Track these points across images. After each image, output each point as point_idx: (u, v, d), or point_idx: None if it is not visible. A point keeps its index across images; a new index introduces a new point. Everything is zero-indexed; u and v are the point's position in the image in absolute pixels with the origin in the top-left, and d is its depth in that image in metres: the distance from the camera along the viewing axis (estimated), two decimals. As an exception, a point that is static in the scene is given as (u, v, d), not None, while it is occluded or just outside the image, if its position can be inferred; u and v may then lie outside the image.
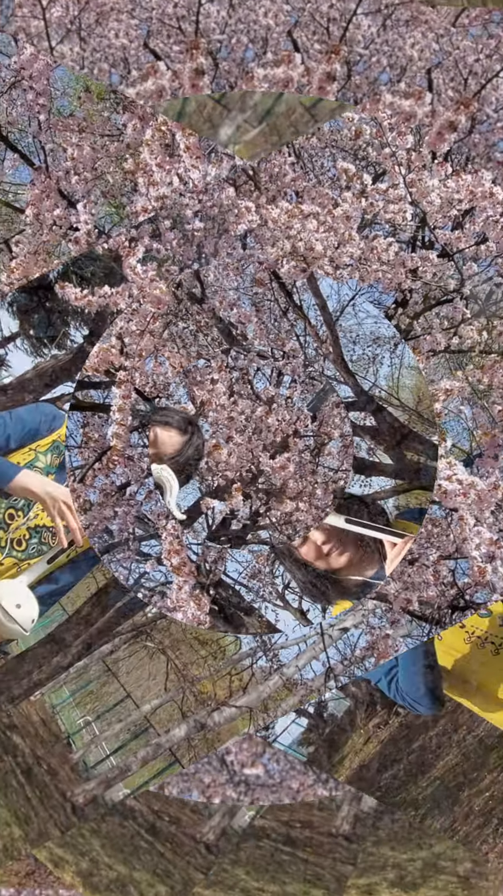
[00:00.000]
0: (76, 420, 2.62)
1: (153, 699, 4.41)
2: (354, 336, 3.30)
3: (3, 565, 1.19)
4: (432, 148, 2.20)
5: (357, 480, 2.72)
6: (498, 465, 2.07)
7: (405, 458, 2.76)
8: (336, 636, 3.40)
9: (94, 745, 4.09)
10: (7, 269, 2.24)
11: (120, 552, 2.40)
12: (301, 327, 2.56)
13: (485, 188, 2.04)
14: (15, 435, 1.21)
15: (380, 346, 3.27)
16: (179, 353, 2.44)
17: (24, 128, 2.55)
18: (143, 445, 2.47)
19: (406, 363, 3.51)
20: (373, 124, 2.17)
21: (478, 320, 2.38)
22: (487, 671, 1.32)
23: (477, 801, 3.21)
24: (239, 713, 3.42)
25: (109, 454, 2.27)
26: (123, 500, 2.36)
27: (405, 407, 3.58)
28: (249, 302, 2.43)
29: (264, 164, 2.31)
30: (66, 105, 2.86)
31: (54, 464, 1.20)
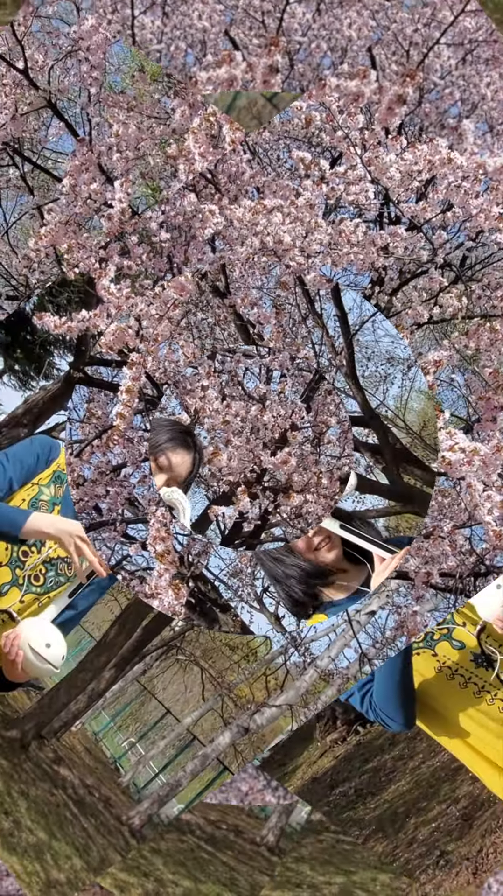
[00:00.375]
0: (82, 395, 2.61)
1: (193, 711, 4.41)
2: (369, 352, 3.30)
3: (24, 602, 1.19)
4: (384, 124, 2.20)
5: (351, 495, 2.73)
6: (497, 426, 2.07)
7: (402, 482, 2.77)
8: (364, 621, 3.40)
9: (141, 765, 4.09)
10: (36, 235, 2.22)
11: (105, 531, 2.38)
12: (318, 336, 2.55)
13: (443, 155, 2.04)
14: (16, 476, 1.21)
15: (393, 365, 3.29)
16: (194, 344, 2.44)
17: (73, 98, 2.53)
18: (143, 430, 2.47)
19: (416, 386, 3.52)
20: (322, 109, 2.17)
21: (455, 287, 2.38)
22: (451, 702, 1.31)
23: (423, 830, 3.21)
24: (280, 712, 3.42)
25: (110, 433, 2.26)
26: (117, 480, 2.33)
27: (410, 430, 3.59)
28: (271, 303, 2.43)
29: (221, 166, 2.31)
30: (119, 81, 2.82)
31: (58, 494, 1.20)
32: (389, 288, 2.42)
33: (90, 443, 2.40)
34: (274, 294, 2.46)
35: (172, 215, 2.26)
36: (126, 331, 2.02)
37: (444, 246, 2.33)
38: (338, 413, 2.58)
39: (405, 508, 2.74)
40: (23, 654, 1.10)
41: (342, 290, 2.41)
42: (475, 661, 1.35)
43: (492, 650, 1.33)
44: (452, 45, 2.49)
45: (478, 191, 2.07)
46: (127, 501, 2.42)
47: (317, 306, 2.52)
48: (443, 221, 2.26)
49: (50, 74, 2.36)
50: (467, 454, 1.69)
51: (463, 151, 2.12)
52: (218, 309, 2.48)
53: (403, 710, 1.31)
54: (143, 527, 2.33)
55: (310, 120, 2.17)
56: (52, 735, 3.53)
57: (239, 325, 2.46)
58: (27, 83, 2.27)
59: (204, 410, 2.20)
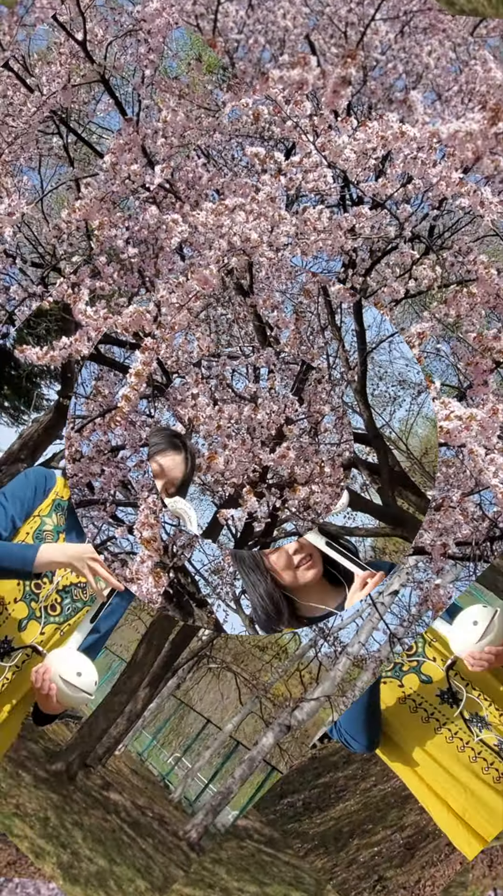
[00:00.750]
0: (91, 371, 2.61)
1: (233, 717, 4.41)
2: (382, 372, 3.32)
3: (46, 634, 1.18)
4: (332, 107, 2.20)
5: (342, 512, 2.74)
6: (489, 389, 2.07)
7: (395, 505, 2.77)
8: (388, 602, 3.40)
9: (190, 778, 4.09)
10: (70, 207, 2.21)
11: (95, 510, 2.38)
12: (334, 348, 2.56)
13: (395, 129, 2.03)
14: (17, 513, 1.21)
15: (404, 388, 3.30)
16: (210, 337, 2.43)
17: (127, 77, 2.54)
18: (147, 415, 2.48)
19: (424, 412, 3.54)
20: (269, 103, 2.17)
21: (427, 258, 2.37)
22: (410, 733, 1.30)
23: (364, 852, 3.20)
24: (319, 704, 3.42)
25: (113, 413, 2.26)
26: (113, 461, 2.34)
27: (411, 455, 3.60)
28: (292, 309, 2.43)
29: (178, 174, 2.31)
30: (174, 67, 2.80)
31: (61, 522, 1.20)
32: (362, 269, 2.42)
33: (92, 420, 2.39)
34: (296, 300, 2.46)
35: (137, 230, 2.26)
36: (144, 315, 2.00)
37: (410, 219, 2.33)
38: (330, 400, 2.58)
39: (394, 532, 2.76)
40: (55, 687, 1.10)
41: (364, 306, 2.41)
42: (440, 696, 1.35)
43: (458, 687, 1.33)
44: (388, 19, 2.49)
45: (435, 159, 2.07)
46: (121, 483, 2.42)
47: (338, 318, 2.54)
48: (405, 195, 2.26)
49: (107, 50, 2.34)
50: (464, 421, 1.69)
51: (414, 123, 2.12)
52: (239, 307, 2.47)
53: (367, 733, 1.31)
54: (133, 511, 2.33)
55: (258, 115, 2.17)
56: (97, 762, 3.53)
57: (257, 325, 2.46)
58: (83, 55, 2.25)
59: (197, 418, 2.20)
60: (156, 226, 2.21)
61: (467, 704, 1.33)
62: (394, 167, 2.25)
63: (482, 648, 1.13)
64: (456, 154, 2.07)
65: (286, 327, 2.36)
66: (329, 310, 2.50)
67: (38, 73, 2.31)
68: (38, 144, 2.52)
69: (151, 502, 2.00)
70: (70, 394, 2.67)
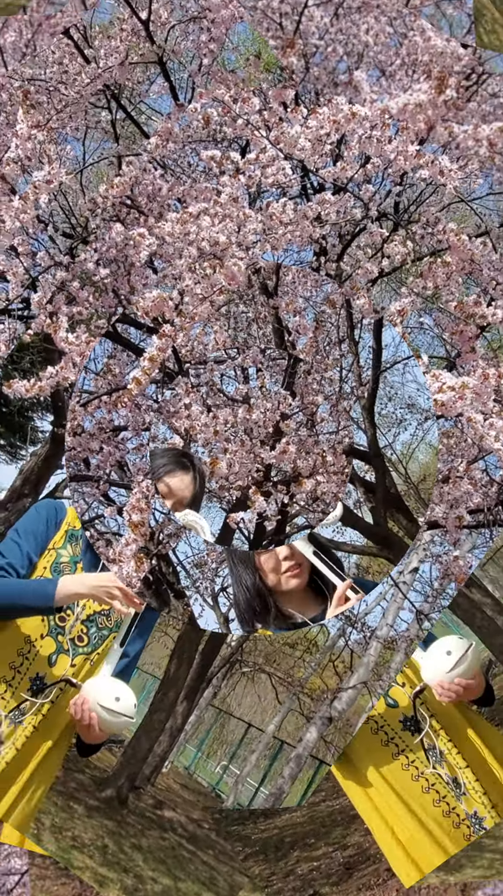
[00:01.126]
0: (105, 348, 2.60)
1: (273, 717, 4.40)
2: (393, 393, 3.32)
3: (77, 666, 1.18)
4: (279, 99, 2.20)
5: (332, 525, 2.75)
6: (477, 355, 2.07)
7: (386, 525, 2.78)
8: (410, 580, 3.40)
9: (240, 784, 4.08)
10: (108, 183, 2.21)
11: (87, 486, 2.39)
12: (349, 362, 2.57)
13: (345, 111, 2.03)
14: (33, 549, 1.20)
15: (411, 413, 3.31)
16: (228, 333, 2.43)
17: (184, 62, 2.52)
18: (154, 400, 2.46)
19: (428, 439, 3.56)
20: (217, 104, 2.17)
21: (397, 234, 2.37)
22: (368, 755, 1.30)
23: (303, 865, 3.20)
24: (357, 692, 3.42)
25: (121, 394, 2.24)
26: (114, 441, 2.34)
27: (408, 479, 3.62)
28: (314, 316, 2.43)
29: (138, 189, 2.31)
30: (233, 60, 2.79)
31: (76, 553, 1.20)
32: (334, 255, 2.42)
33: (99, 397, 2.39)
34: (319, 308, 2.46)
35: (105, 250, 2.26)
36: (166, 301, 2.00)
37: (374, 198, 2.33)
38: (322, 388, 2.58)
39: (381, 552, 2.77)
40: (95, 716, 1.10)
41: (384, 325, 2.41)
42: (403, 722, 1.35)
43: (423, 716, 1.33)
44: (321, 3, 2.48)
45: (390, 135, 2.07)
46: (117, 464, 2.42)
47: (357, 333, 2.55)
48: (365, 175, 2.26)
49: (169, 33, 2.34)
50: (458, 390, 1.69)
51: (363, 102, 2.12)
52: (261, 307, 2.47)
53: None
54: (125, 492, 2.33)
55: (207, 118, 2.17)
56: (145, 783, 3.52)
57: (276, 327, 2.46)
58: (145, 35, 2.24)
59: (193, 427, 2.20)
60: (123, 243, 2.21)
61: (428, 735, 1.33)
62: (350, 149, 2.24)
63: (452, 679, 1.13)
64: (409, 127, 2.07)
65: (305, 334, 2.37)
66: (349, 323, 2.52)
67: (97, 46, 2.30)
68: (87, 116, 2.51)
69: (145, 486, 1.99)
70: (63, 423, 2.67)
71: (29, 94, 2.07)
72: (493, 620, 3.27)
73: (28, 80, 2.29)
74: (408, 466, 3.49)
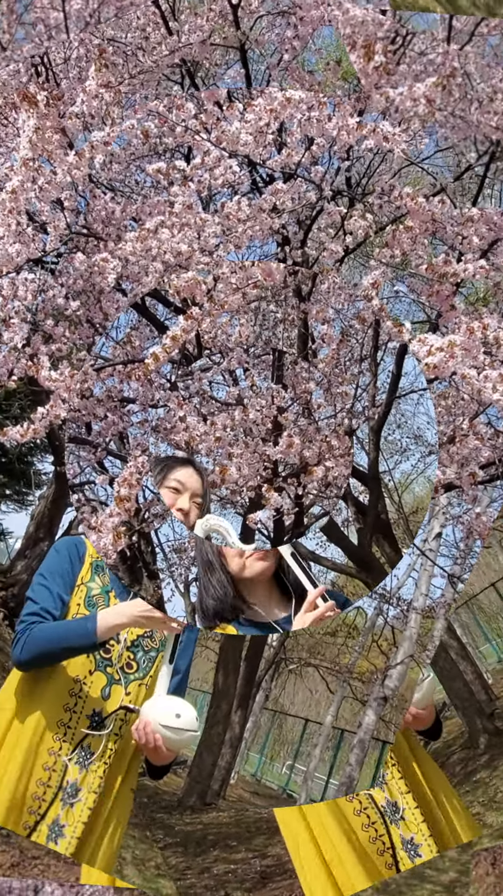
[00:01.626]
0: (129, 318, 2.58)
1: (328, 708, 4.40)
2: (402, 421, 3.33)
3: (132, 693, 1.18)
4: (213, 99, 2.20)
5: (317, 538, 2.77)
6: (458, 312, 2.07)
7: (369, 549, 2.79)
8: (435, 546, 3.39)
9: (309, 780, 4.08)
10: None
11: (85, 450, 2.41)
12: (366, 381, 2.57)
13: (279, 99, 2.03)
14: (63, 589, 1.20)
15: (417, 444, 3.32)
16: (253, 328, 2.42)
17: (265, 54, 2.51)
18: (167, 380, 2.44)
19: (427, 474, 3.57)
20: (153, 116, 2.17)
21: (355, 209, 2.37)
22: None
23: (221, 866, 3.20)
24: (406, 666, 3.41)
25: (137, 366, 2.24)
26: (119, 411, 2.34)
27: (400, 509, 3.63)
28: (341, 329, 2.42)
29: (90, 217, 2.31)
30: (313, 62, 2.76)
31: (106, 583, 1.19)
32: (297, 242, 2.41)
33: (114, 365, 2.38)
34: (348, 322, 2.46)
35: (71, 283, 2.26)
36: (200, 284, 1.99)
37: (325, 178, 2.33)
38: (311, 375, 2.58)
39: (359, 574, 2.78)
40: (160, 736, 1.09)
41: (408, 355, 2.40)
42: None
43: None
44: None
45: (328, 113, 2.07)
46: (118, 434, 2.42)
47: (380, 354, 2.55)
48: (312, 157, 2.26)
49: (256, 22, 2.31)
50: (446, 350, 1.68)
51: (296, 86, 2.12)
52: (291, 309, 2.46)
53: None
54: (120, 465, 2.33)
55: (146, 132, 2.17)
56: (216, 798, 3.52)
57: (302, 332, 2.45)
58: (231, 19, 2.22)
59: (193, 439, 2.20)
60: (87, 271, 2.21)
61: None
62: (292, 135, 2.24)
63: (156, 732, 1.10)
64: (344, 101, 2.07)
65: (329, 344, 2.35)
66: (375, 343, 2.53)
67: (182, 20, 2.29)
68: (159, 87, 2.49)
69: (140, 463, 1.98)
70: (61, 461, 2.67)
71: (105, 53, 2.05)
72: (456, 665, 3.26)
73: (108, 40, 2.26)
74: (402, 496, 3.55)
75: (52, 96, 2.00)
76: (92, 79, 2.02)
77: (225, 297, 1.98)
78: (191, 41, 2.25)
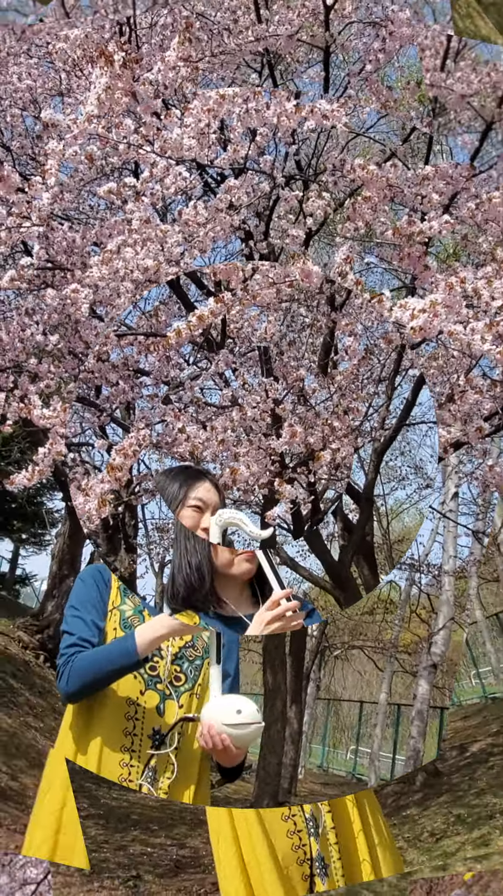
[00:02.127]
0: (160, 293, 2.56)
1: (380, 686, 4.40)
2: (406, 449, 3.35)
3: (185, 705, 1.18)
4: (148, 112, 2.19)
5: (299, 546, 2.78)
6: (433, 271, 2.06)
7: (348, 567, 2.79)
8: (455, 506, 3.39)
9: (376, 761, 4.09)
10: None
11: (90, 412, 2.43)
12: (380, 403, 2.59)
13: (214, 97, 2.03)
14: (96, 616, 1.19)
15: (416, 475, 3.34)
16: (279, 327, 2.42)
17: (348, 60, 2.51)
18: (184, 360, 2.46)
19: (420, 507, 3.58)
20: (93, 140, 2.17)
21: (310, 190, 2.37)
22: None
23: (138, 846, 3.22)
24: (448, 630, 3.41)
25: (158, 340, 2.25)
26: (131, 381, 2.36)
27: (386, 535, 3.64)
28: (365, 346, 2.43)
29: (50, 251, 2.31)
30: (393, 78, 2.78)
31: (137, 603, 1.19)
32: (259, 234, 2.41)
33: (136, 334, 2.40)
34: (374, 340, 2.46)
35: (46, 318, 2.26)
36: (238, 270, 1.98)
37: (275, 166, 2.33)
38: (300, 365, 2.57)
39: (333, 590, 2.78)
40: (226, 737, 1.09)
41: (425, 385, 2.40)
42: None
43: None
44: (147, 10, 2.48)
45: (266, 101, 2.07)
46: (126, 403, 2.42)
47: (398, 379, 2.59)
48: (258, 148, 2.26)
49: (346, 27, 2.30)
50: (429, 310, 1.68)
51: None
52: (321, 316, 2.47)
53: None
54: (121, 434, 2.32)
55: (90, 156, 2.17)
56: (287, 795, 3.52)
57: (327, 341, 2.47)
58: (323, 19, 2.20)
59: (196, 448, 2.20)
60: (60, 304, 2.21)
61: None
62: (234, 130, 2.24)
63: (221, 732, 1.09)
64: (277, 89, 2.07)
65: (351, 359, 2.35)
66: (396, 367, 2.54)
67: (274, 10, 2.26)
68: (237, 71, 2.47)
69: (142, 436, 1.98)
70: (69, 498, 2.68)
71: (191, 27, 2.02)
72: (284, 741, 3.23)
73: (197, 14, 2.24)
74: (391, 523, 3.58)
75: (130, 58, 1.96)
76: (173, 50, 1.99)
77: (259, 288, 1.96)
78: (278, 33, 2.21)
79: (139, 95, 2.00)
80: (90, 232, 2.26)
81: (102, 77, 1.94)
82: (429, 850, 2.80)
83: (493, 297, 1.75)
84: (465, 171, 2.10)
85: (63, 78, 2.38)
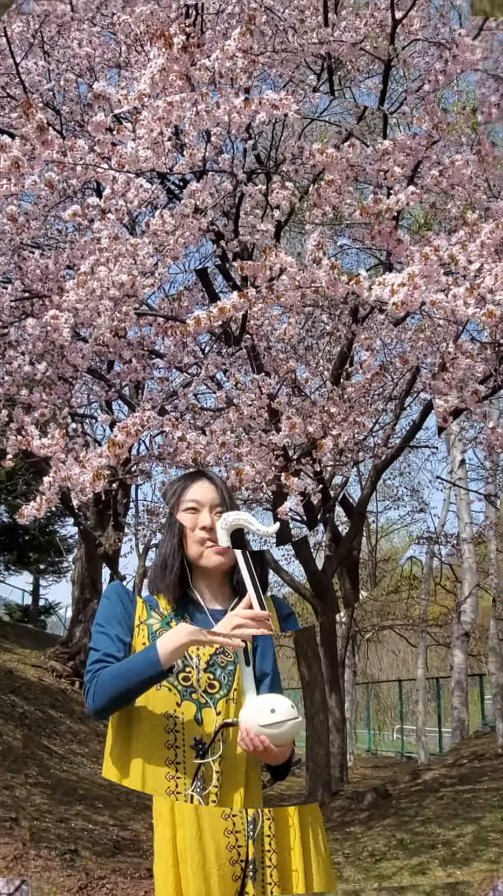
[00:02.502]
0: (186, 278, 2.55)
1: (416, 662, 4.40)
2: (407, 470, 3.36)
3: (223, 712, 1.17)
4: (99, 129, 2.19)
5: (284, 550, 2.78)
6: (406, 244, 2.06)
7: (329, 579, 2.79)
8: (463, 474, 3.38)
9: (422, 736, 4.09)
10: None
11: (98, 384, 2.47)
12: (386, 420, 2.61)
13: (163, 105, 2.03)
14: (122, 632, 1.19)
15: (412, 498, 3.36)
16: (299, 331, 2.43)
17: (408, 76, 2.52)
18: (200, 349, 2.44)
19: (411, 530, 3.59)
20: (49, 168, 2.17)
21: (272, 183, 2.36)
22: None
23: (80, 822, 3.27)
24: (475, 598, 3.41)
25: (177, 325, 2.26)
26: (144, 360, 2.40)
27: (372, 553, 3.65)
28: (381, 362, 2.44)
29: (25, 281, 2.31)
30: (449, 101, 2.75)
31: (164, 615, 1.19)
32: (230, 234, 2.41)
33: (156, 316, 2.40)
34: (390, 358, 2.46)
35: (31, 348, 2.26)
36: (265, 269, 1.97)
37: (234, 163, 2.33)
38: (289, 356, 2.57)
39: (312, 599, 2.79)
40: (265, 737, 1.09)
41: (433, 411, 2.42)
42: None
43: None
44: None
45: (216, 101, 2.06)
46: (135, 382, 2.41)
47: (408, 400, 2.60)
48: (215, 149, 2.25)
49: (410, 43, 2.31)
50: (408, 283, 1.68)
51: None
52: (342, 325, 2.47)
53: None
54: (126, 412, 2.31)
55: (50, 183, 2.17)
56: (340, 784, 3.52)
57: (344, 352, 2.47)
58: (389, 32, 2.19)
59: (198, 453, 2.20)
60: (42, 333, 2.21)
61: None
62: (188, 135, 2.24)
63: (259, 734, 1.09)
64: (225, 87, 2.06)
65: (365, 373, 2.35)
66: (408, 388, 2.54)
67: (342, 16, 2.26)
68: (296, 70, 2.45)
69: (147, 417, 1.98)
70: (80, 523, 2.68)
71: (255, 20, 1.98)
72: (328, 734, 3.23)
73: (265, 8, 2.21)
74: (380, 541, 3.59)
75: (190, 42, 1.95)
76: (234, 39, 1.96)
77: (284, 289, 1.95)
78: (343, 39, 2.19)
79: (194, 80, 1.98)
80: (62, 256, 2.26)
81: (159, 58, 1.93)
82: (366, 869, 2.81)
83: (470, 261, 1.74)
84: (424, 140, 2.09)
85: (123, 51, 2.36)
